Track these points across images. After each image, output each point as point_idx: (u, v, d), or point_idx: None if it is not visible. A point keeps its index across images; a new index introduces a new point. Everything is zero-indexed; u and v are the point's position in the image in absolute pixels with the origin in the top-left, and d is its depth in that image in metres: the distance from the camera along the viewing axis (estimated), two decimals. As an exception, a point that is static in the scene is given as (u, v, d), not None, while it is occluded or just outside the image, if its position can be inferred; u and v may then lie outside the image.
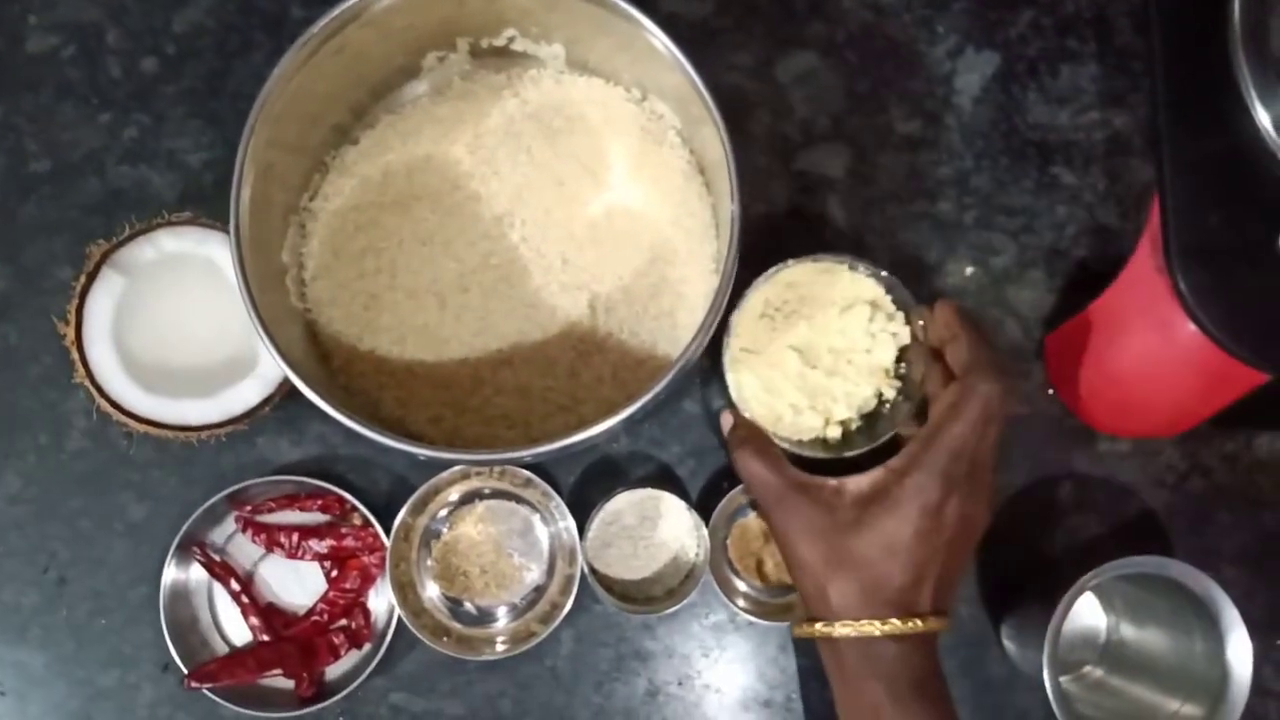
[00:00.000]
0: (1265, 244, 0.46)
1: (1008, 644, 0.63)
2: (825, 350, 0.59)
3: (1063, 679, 0.63)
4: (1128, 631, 0.63)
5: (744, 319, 0.58)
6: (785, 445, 0.57)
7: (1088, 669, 0.64)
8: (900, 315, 0.59)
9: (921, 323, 0.57)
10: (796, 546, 0.52)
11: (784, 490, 0.53)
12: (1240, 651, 0.56)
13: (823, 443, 0.59)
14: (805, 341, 0.59)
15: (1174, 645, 0.60)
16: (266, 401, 0.60)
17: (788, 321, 0.59)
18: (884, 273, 0.58)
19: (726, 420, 0.58)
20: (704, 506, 0.62)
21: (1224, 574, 0.63)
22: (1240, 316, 0.47)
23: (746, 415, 0.57)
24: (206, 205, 0.64)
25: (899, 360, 0.60)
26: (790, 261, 0.58)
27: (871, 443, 0.58)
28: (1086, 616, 0.64)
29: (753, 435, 0.56)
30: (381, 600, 0.63)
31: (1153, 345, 0.54)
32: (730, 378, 0.57)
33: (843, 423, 0.59)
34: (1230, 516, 0.64)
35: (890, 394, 0.59)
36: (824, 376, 0.59)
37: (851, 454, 0.57)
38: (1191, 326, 0.47)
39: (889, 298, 0.59)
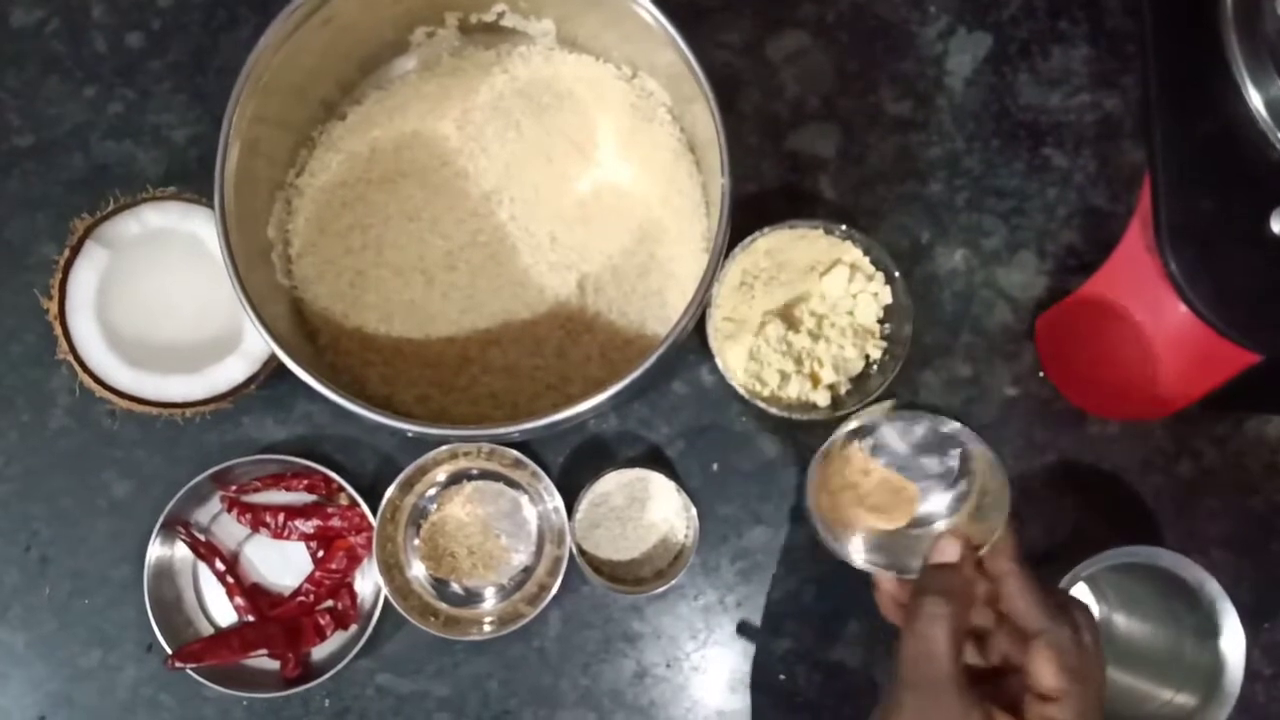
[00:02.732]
0: (1256, 224, 0.46)
1: None
2: (807, 314, 0.59)
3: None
4: (1120, 622, 0.63)
5: (723, 289, 0.58)
6: (775, 411, 0.57)
7: None
8: (880, 275, 0.59)
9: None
10: None
11: (948, 678, 0.44)
12: (1233, 643, 0.56)
13: (813, 406, 0.59)
14: (786, 307, 0.59)
15: (1167, 635, 0.59)
16: (252, 379, 0.59)
17: (767, 289, 0.59)
18: (860, 234, 0.58)
19: (948, 550, 0.48)
20: (693, 488, 0.62)
21: (1212, 557, 0.63)
22: (1231, 297, 0.47)
23: (740, 390, 0.57)
24: (191, 182, 0.63)
25: (883, 321, 0.59)
26: (766, 229, 0.57)
27: (864, 400, 0.57)
28: (1079, 608, 0.64)
29: (960, 595, 0.46)
30: (368, 581, 0.63)
31: (1143, 326, 0.54)
32: (715, 348, 0.57)
33: (831, 386, 0.59)
34: (1219, 500, 0.64)
35: (876, 354, 0.59)
36: (808, 340, 0.59)
37: (843, 413, 0.57)
38: (1182, 307, 0.47)
39: (867, 259, 0.59)
